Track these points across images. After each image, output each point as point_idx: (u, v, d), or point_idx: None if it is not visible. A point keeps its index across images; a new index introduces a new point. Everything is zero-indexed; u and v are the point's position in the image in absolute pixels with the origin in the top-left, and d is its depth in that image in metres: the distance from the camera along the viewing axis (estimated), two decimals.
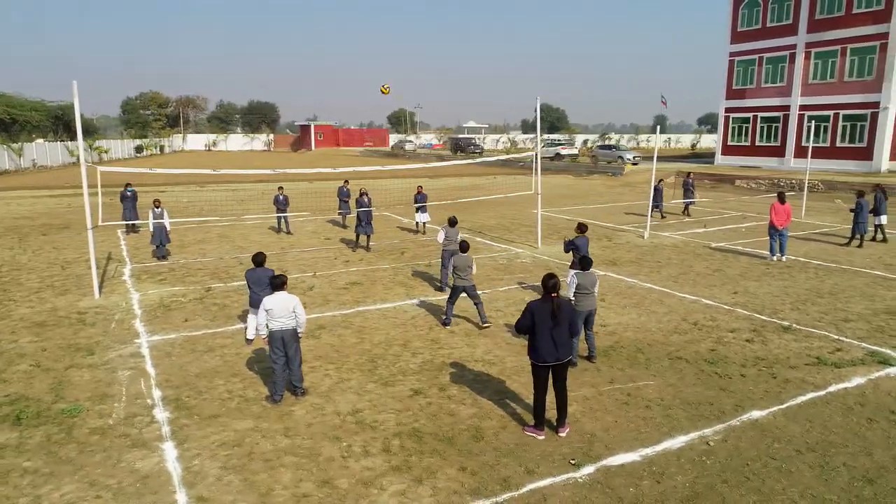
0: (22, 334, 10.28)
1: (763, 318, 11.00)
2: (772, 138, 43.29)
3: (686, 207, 25.29)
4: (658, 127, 21.91)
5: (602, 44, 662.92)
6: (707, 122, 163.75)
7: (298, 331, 7.68)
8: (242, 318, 11.09)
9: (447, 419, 7.22)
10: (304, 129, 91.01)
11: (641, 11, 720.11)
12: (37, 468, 6.19)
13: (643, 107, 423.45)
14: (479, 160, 38.60)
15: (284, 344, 7.58)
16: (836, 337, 9.95)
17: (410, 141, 78.15)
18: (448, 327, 10.53)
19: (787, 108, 41.92)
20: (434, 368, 8.78)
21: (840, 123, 39.20)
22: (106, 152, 60.79)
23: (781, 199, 15.78)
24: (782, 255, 15.71)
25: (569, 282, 8.98)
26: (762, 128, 43.80)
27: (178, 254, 16.76)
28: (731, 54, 45.32)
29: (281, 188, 20.21)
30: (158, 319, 11.06)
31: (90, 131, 68.53)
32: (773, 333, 10.15)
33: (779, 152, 42.66)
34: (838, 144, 39.53)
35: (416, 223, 20.25)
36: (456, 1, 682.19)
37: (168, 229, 16.22)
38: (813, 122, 33.66)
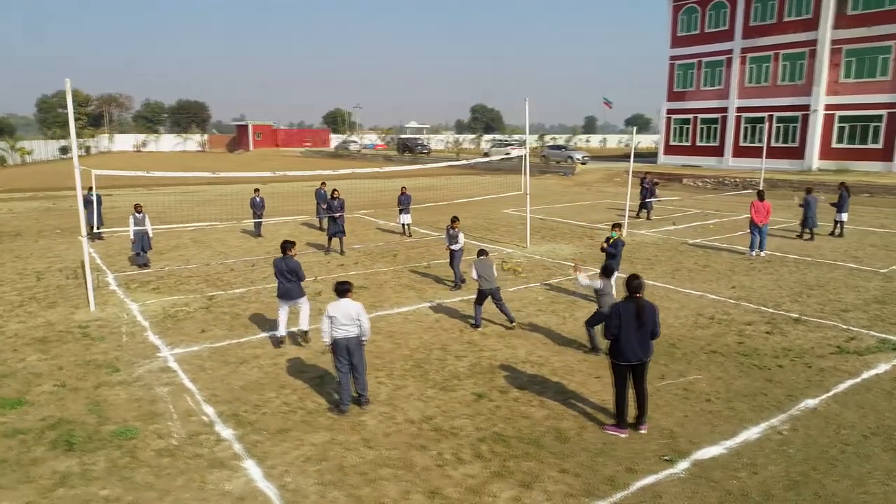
0: (26, 352, 9.52)
1: (770, 310, 11.57)
2: (711, 138, 45.45)
3: (643, 208, 25.95)
4: (635, 128, 22.75)
5: (531, 45, 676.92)
6: (634, 123, 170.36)
7: (363, 338, 7.48)
8: (262, 325, 10.71)
9: (523, 422, 7.22)
10: (241, 128, 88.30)
11: (572, 15, 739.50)
12: (117, 496, 5.77)
13: (573, 108, 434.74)
14: (473, 161, 38.20)
15: (349, 352, 7.38)
16: (845, 326, 10.59)
17: (355, 141, 77.19)
18: (479, 329, 10.52)
19: (724, 109, 44.13)
20: (484, 371, 8.75)
21: (774, 125, 41.60)
22: (29, 153, 56.96)
23: (761, 196, 16.63)
24: (762, 251, 16.54)
25: (597, 287, 9.37)
26: (702, 129, 45.93)
27: (157, 261, 15.93)
28: (672, 58, 47.28)
29: (257, 190, 19.56)
30: (171, 331, 10.50)
31: (9, 131, 64.01)
32: (787, 325, 10.69)
33: (718, 152, 44.84)
34: (773, 144, 41.88)
35: (401, 225, 20.05)
36: (387, 1, 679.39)
37: (150, 235, 15.40)
38: (770, 122, 35.58)
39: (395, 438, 6.86)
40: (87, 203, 18.46)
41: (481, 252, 10.75)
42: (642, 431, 6.92)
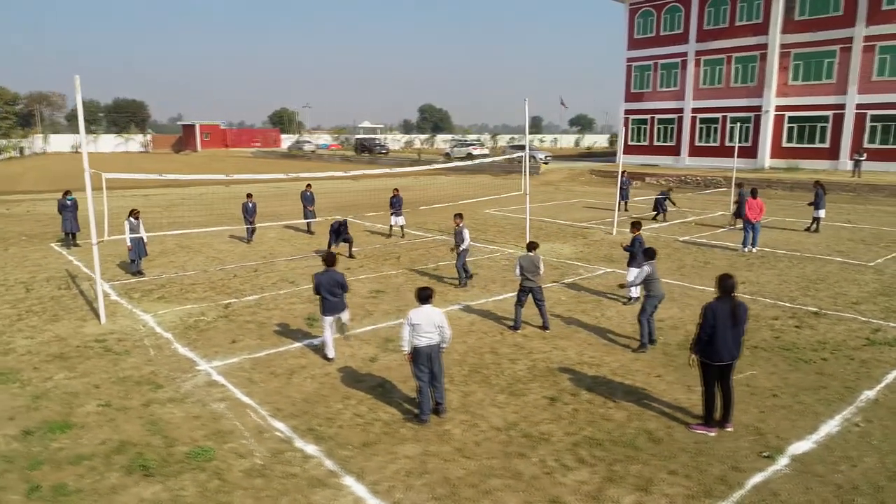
0: (49, 370, 8.84)
1: (788, 304, 11.96)
2: (668, 138, 46.85)
3: (623, 205, 26.42)
4: (623, 130, 22.90)
5: (476, 47, 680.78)
6: (578, 124, 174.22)
7: (443, 345, 7.28)
8: (293, 334, 10.31)
9: (607, 424, 7.19)
10: (188, 128, 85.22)
11: (514, 15, 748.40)
12: None
13: (516, 108, 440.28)
14: (471, 163, 37.46)
15: (430, 360, 7.16)
16: (864, 319, 11.04)
17: (309, 141, 75.64)
18: (520, 331, 10.44)
19: (681, 110, 45.56)
20: (544, 374, 8.68)
21: (728, 125, 43.24)
22: None
23: (754, 194, 17.21)
24: (754, 247, 17.11)
25: (647, 272, 9.46)
26: (659, 129, 47.28)
27: (148, 268, 15.12)
28: (629, 60, 48.47)
29: (250, 195, 18.86)
30: (199, 342, 9.97)
31: None
32: (811, 319, 11.08)
33: (675, 151, 46.25)
34: (727, 144, 43.53)
35: (391, 227, 19.74)
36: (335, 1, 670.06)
37: (145, 241, 14.62)
38: (724, 122, 36.86)
39: (487, 447, 6.69)
40: (63, 208, 17.53)
41: (531, 245, 10.62)
42: (728, 429, 7.00)
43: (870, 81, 37.38)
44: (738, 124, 33.49)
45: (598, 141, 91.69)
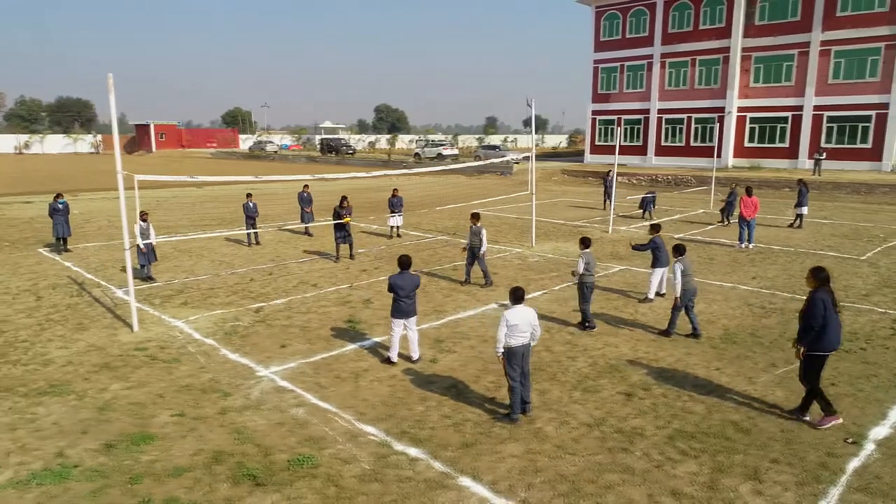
0: (100, 380, 8.49)
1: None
2: (635, 138, 48.02)
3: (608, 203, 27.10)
4: (620, 129, 23.32)
5: (432, 48, 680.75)
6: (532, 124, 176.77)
7: (532, 343, 7.35)
8: (342, 336, 10.18)
9: (692, 417, 7.39)
10: (142, 128, 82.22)
11: (472, 18, 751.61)
12: None
13: (470, 108, 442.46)
14: (474, 164, 37.07)
15: (523, 359, 7.22)
16: (881, 310, 11.64)
17: (271, 142, 74.16)
18: (594, 330, 10.54)
19: (647, 111, 46.79)
20: (608, 370, 8.84)
21: (693, 126, 44.68)
22: None
23: (749, 192, 17.87)
24: (750, 243, 17.78)
25: (680, 269, 9.79)
26: (626, 129, 48.40)
27: (157, 274, 14.61)
28: (596, 61, 49.47)
29: (250, 195, 18.44)
30: (248, 348, 9.73)
31: None
32: None
33: (641, 151, 47.46)
34: (692, 144, 45.01)
35: (390, 227, 19.63)
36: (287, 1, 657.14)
37: (154, 246, 14.13)
38: (689, 123, 38.00)
39: (586, 443, 6.79)
40: (55, 212, 16.84)
41: (587, 242, 10.74)
42: (807, 419, 7.29)
43: (826, 84, 39.23)
44: (703, 125, 34.64)
45: (560, 141, 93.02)
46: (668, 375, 8.65)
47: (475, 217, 13.67)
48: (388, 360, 9.06)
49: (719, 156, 43.31)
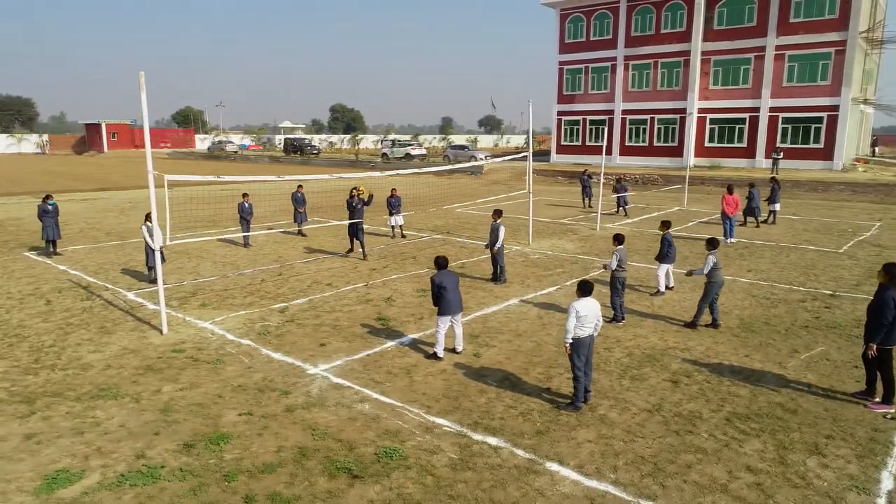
0: (150, 383, 8.39)
1: (802, 289, 13.25)
2: (600, 138, 49.11)
3: (587, 202, 27.83)
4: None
5: (387, 47, 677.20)
6: (486, 124, 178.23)
7: (595, 334, 7.67)
8: (379, 333, 10.30)
9: (740, 400, 7.85)
10: (93, 128, 79.10)
11: (428, 19, 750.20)
12: None
13: (423, 109, 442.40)
14: (468, 165, 36.94)
15: (588, 349, 7.54)
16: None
17: (231, 142, 72.57)
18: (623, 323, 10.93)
19: (611, 112, 47.99)
20: (647, 360, 9.25)
21: (656, 126, 46.10)
22: None
23: (730, 190, 18.73)
24: (732, 238, 18.63)
25: (713, 261, 10.33)
26: (591, 129, 49.54)
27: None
28: (560, 63, 50.44)
29: (246, 195, 18.22)
30: (287, 347, 9.75)
31: None
32: (832, 300, 12.37)
33: (606, 150, 48.57)
34: (655, 144, 46.43)
35: (392, 227, 19.71)
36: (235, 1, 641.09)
37: (163, 247, 13.83)
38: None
39: (652, 427, 7.15)
40: (44, 213, 16.35)
41: (620, 239, 11.11)
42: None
43: (781, 87, 41.10)
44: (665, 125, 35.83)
45: (513, 140, 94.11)
46: (703, 363, 9.12)
47: (497, 213, 13.88)
48: (434, 356, 9.24)
49: (681, 155, 44.99)
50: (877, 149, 54.66)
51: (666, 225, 12.99)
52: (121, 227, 21.51)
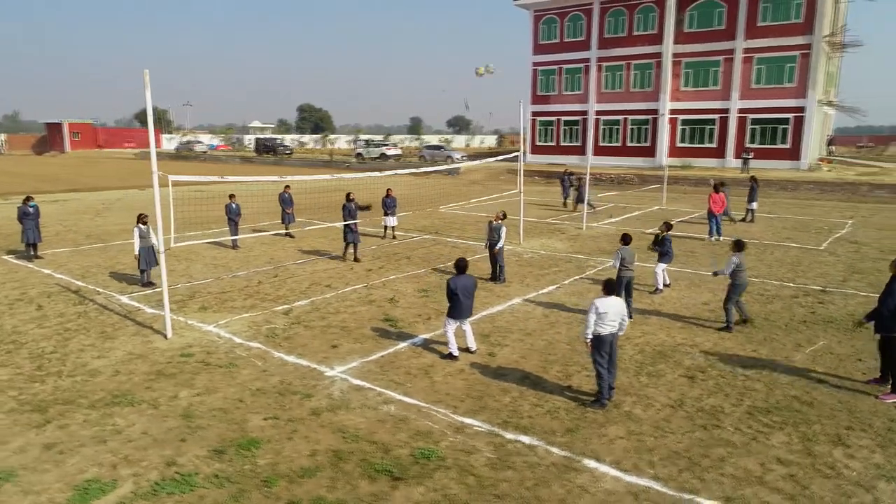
0: (164, 388, 8.19)
1: (792, 285, 13.63)
2: (573, 139, 49.76)
3: (579, 201, 27.96)
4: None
5: (354, 47, 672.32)
6: (455, 125, 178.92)
7: (619, 333, 7.76)
8: (389, 335, 10.25)
9: (757, 394, 8.04)
10: (53, 127, 76.73)
11: (387, 22, 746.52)
12: None
13: (390, 109, 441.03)
14: (457, 166, 36.78)
15: (611, 347, 7.63)
16: (864, 294, 12.85)
17: (200, 142, 71.10)
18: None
19: (585, 112, 48.59)
20: (659, 356, 9.40)
21: (629, 127, 46.85)
22: None
23: (717, 189, 19.15)
24: (719, 237, 19.05)
25: (735, 262, 10.52)
26: (565, 129, 50.09)
27: (155, 279, 14.00)
28: (534, 64, 50.86)
29: (232, 196, 17.90)
30: (299, 350, 9.62)
31: None
32: (824, 295, 12.76)
33: (580, 151, 49.11)
34: (628, 144, 47.18)
35: (385, 227, 19.58)
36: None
37: (157, 250, 13.51)
38: (625, 124, 39.77)
39: (678, 423, 7.28)
40: (25, 216, 15.86)
41: (628, 238, 11.22)
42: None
43: (749, 89, 42.18)
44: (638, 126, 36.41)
45: (487, 140, 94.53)
46: (715, 358, 9.31)
47: (502, 215, 13.91)
48: (450, 356, 9.23)
49: (653, 155, 45.81)
50: (832, 148, 56.58)
51: (668, 226, 13.22)
52: (100, 230, 20.92)
